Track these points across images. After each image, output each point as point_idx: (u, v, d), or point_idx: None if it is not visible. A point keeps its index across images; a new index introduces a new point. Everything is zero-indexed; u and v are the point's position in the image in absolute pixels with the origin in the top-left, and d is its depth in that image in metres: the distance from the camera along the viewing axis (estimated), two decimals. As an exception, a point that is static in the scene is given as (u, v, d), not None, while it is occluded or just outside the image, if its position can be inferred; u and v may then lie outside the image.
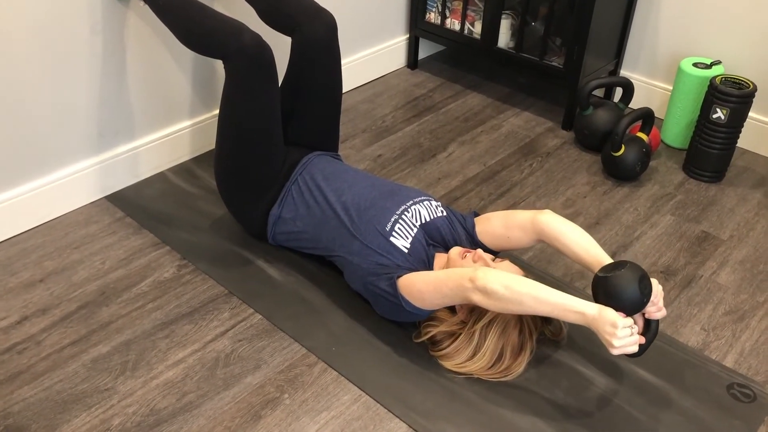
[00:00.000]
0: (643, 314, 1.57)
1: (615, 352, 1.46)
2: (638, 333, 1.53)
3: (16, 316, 1.81)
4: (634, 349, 1.47)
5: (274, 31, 2.04)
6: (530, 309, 1.51)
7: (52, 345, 1.73)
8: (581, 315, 1.48)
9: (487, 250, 1.82)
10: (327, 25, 1.93)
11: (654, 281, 1.56)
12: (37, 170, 2.06)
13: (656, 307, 1.57)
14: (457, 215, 1.87)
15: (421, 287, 1.63)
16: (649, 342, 1.56)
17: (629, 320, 1.47)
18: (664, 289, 1.97)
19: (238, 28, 1.80)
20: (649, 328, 1.58)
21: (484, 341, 1.63)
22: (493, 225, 1.81)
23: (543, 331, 1.73)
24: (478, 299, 1.54)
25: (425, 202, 1.86)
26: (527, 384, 1.67)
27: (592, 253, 1.64)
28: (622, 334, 1.44)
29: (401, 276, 1.68)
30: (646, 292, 1.51)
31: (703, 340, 1.82)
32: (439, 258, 1.79)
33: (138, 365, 1.69)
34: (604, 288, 1.51)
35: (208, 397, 1.62)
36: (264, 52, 1.80)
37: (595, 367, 1.72)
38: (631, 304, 1.50)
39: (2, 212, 2.01)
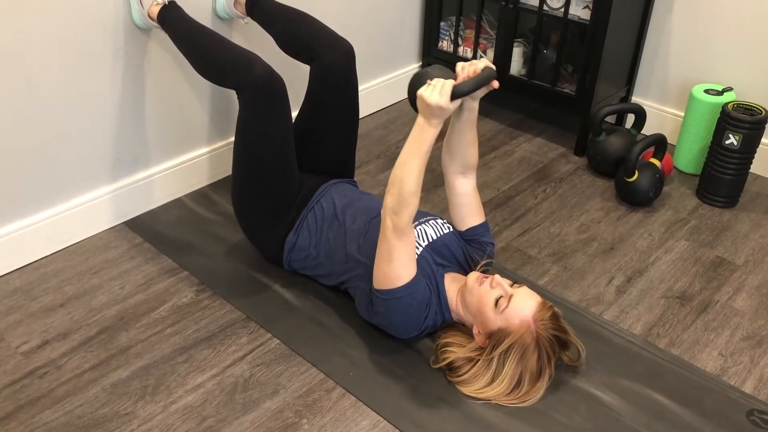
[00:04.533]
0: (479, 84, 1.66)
1: (441, 102, 1.56)
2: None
3: (37, 340, 1.83)
4: (448, 85, 1.57)
5: (292, 59, 2.08)
6: (410, 171, 1.62)
7: (73, 369, 1.74)
8: (419, 127, 1.63)
9: (471, 232, 1.89)
10: (345, 54, 1.97)
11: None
12: (57, 196, 2.09)
13: (469, 65, 1.66)
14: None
15: (379, 268, 1.69)
16: (480, 77, 1.63)
17: (424, 85, 1.60)
18: (680, 315, 1.97)
19: (249, 60, 1.83)
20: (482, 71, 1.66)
21: (503, 367, 1.63)
22: (450, 208, 1.93)
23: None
24: (396, 221, 1.63)
25: (431, 221, 1.89)
26: (546, 409, 1.67)
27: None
28: (425, 93, 1.57)
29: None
30: (426, 68, 1.69)
31: (721, 366, 1.82)
32: (451, 278, 1.81)
33: (157, 390, 1.70)
34: (409, 101, 1.68)
35: (227, 422, 1.62)
36: (275, 84, 1.83)
37: (614, 392, 1.72)
38: (419, 78, 1.64)
39: (24, 238, 2.04)
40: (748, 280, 2.11)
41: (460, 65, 1.68)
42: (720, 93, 2.51)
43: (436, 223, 1.90)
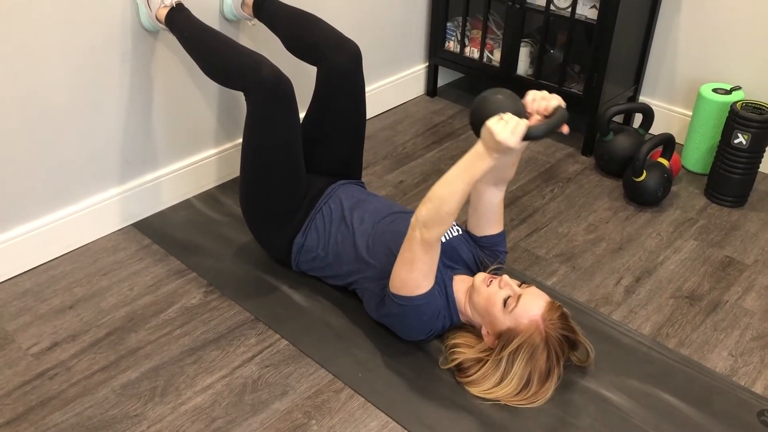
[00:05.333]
0: (546, 116, 1.60)
1: (510, 142, 1.49)
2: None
3: (47, 342, 1.84)
4: (522, 125, 1.50)
5: (298, 60, 2.08)
6: (453, 194, 1.55)
7: (82, 371, 1.75)
8: (476, 155, 1.54)
9: (487, 240, 1.87)
10: (352, 55, 1.97)
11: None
12: (66, 198, 2.10)
13: (542, 99, 1.59)
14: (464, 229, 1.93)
15: (397, 273, 1.67)
16: (554, 120, 1.56)
17: (496, 116, 1.52)
18: (689, 315, 1.96)
19: (257, 62, 1.83)
20: (555, 112, 1.59)
21: (512, 367, 1.63)
22: (471, 212, 1.89)
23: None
24: (426, 235, 1.58)
25: None
26: (555, 410, 1.66)
27: None
28: (497, 128, 1.49)
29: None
30: (495, 92, 1.59)
31: (731, 366, 1.81)
32: (459, 280, 1.80)
33: (167, 391, 1.70)
34: (472, 123, 1.60)
35: (236, 423, 1.63)
36: (282, 85, 1.83)
37: (623, 393, 1.72)
38: (491, 105, 1.56)
39: (33, 240, 2.05)
40: (757, 279, 2.11)
41: (530, 96, 1.62)
42: (728, 92, 2.50)
43: None
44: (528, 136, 1.51)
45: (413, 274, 1.64)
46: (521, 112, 1.58)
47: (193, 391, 1.71)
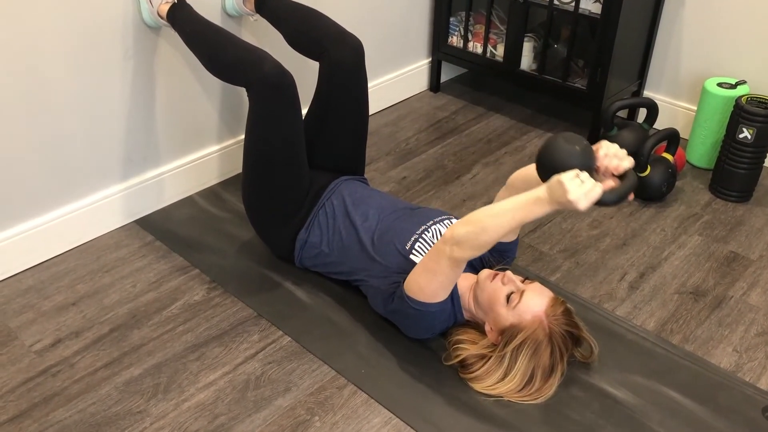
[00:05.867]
0: (613, 174, 1.52)
1: (581, 205, 1.40)
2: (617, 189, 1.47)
3: (50, 338, 1.84)
4: (597, 191, 1.41)
5: (301, 55, 2.07)
6: (498, 227, 1.50)
7: (86, 367, 1.75)
8: (536, 199, 1.47)
9: (500, 246, 1.85)
10: (354, 50, 1.96)
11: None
12: (68, 195, 2.10)
13: (614, 156, 1.51)
14: None
15: (417, 279, 1.65)
16: (626, 188, 1.47)
17: (573, 171, 1.43)
18: (693, 310, 1.96)
19: (259, 57, 1.82)
20: (626, 177, 1.51)
21: (515, 363, 1.63)
22: None
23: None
24: (457, 253, 1.55)
25: (446, 221, 1.88)
26: (558, 406, 1.66)
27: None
28: (571, 186, 1.40)
29: (404, 281, 1.71)
30: (573, 141, 1.48)
31: (736, 362, 1.80)
32: (463, 278, 1.80)
33: (170, 388, 1.70)
34: (539, 163, 1.51)
35: (239, 420, 1.63)
36: (284, 81, 1.82)
37: (627, 389, 1.71)
38: (566, 155, 1.46)
39: (36, 236, 2.05)
40: (762, 275, 2.09)
41: (603, 150, 1.52)
42: (733, 86, 2.49)
43: (451, 223, 1.89)
44: (599, 202, 1.44)
45: (433, 284, 1.63)
46: (592, 169, 1.50)
47: (195, 388, 1.70)
